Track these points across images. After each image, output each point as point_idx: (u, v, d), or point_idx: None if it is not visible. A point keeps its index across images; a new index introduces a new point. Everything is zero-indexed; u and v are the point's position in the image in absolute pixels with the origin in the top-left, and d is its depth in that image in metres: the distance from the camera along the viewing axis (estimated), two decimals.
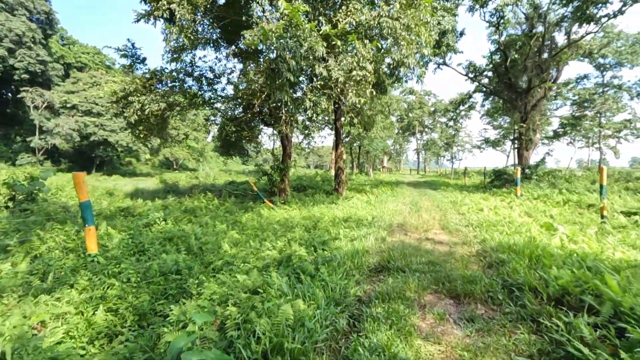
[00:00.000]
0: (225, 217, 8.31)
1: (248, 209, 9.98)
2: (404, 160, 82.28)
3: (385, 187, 18.35)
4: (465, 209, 9.06)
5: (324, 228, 6.12)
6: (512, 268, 3.60)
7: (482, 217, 7.38)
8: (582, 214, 8.90)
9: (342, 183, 15.30)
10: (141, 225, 6.14)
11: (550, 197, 12.23)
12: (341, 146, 15.65)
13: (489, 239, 5.03)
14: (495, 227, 6.14)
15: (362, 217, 7.73)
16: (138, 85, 10.44)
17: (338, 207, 10.31)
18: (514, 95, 17.19)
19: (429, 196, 14.24)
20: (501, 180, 18.26)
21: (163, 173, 53.20)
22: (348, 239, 5.25)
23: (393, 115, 54.06)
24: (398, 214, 8.67)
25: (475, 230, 6.11)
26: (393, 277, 3.67)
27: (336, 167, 15.58)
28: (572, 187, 14.34)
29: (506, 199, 12.84)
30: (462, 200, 11.30)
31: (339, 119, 15.68)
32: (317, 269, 3.70)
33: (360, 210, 9.34)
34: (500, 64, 17.23)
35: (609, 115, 32.23)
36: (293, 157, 34.26)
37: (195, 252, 5.10)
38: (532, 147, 17.71)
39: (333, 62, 8.13)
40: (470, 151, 61.24)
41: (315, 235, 5.37)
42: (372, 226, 6.45)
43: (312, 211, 9.61)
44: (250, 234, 6.44)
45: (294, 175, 31.28)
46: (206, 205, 9.90)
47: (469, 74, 19.34)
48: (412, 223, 6.89)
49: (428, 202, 11.93)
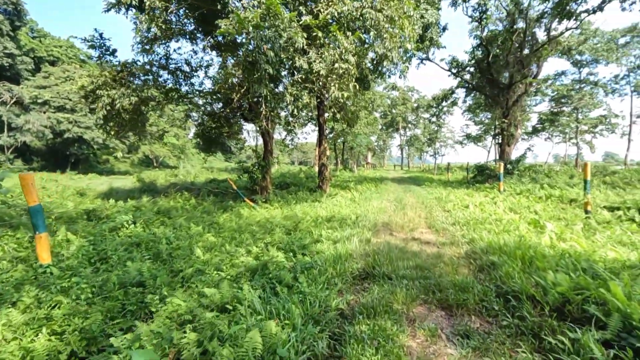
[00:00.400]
0: (202, 218, 7.85)
1: (227, 208, 9.53)
2: (387, 156, 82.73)
3: (369, 183, 18.15)
4: (451, 205, 8.89)
5: (306, 229, 5.78)
6: (505, 272, 3.35)
7: (468, 215, 7.19)
8: (566, 209, 8.89)
9: (325, 180, 14.99)
10: (106, 230, 5.63)
11: (533, 192, 12.27)
12: (324, 142, 15.31)
13: (478, 238, 4.80)
14: (483, 225, 5.94)
15: (346, 216, 7.42)
16: (107, 78, 9.77)
17: (321, 206, 9.99)
18: (496, 90, 17.25)
19: (413, 192, 14.10)
20: (483, 176, 18.34)
21: (142, 171, 51.58)
22: (330, 242, 4.92)
23: (377, 111, 54.10)
24: (383, 212, 8.41)
25: (462, 228, 5.89)
26: (379, 285, 3.37)
27: (319, 163, 15.25)
28: (552, 182, 14.50)
29: (489, 195, 12.82)
30: (447, 197, 11.17)
31: (322, 114, 15.33)
32: (295, 278, 3.35)
33: (344, 209, 9.04)
34: (483, 60, 17.24)
35: (585, 112, 33.06)
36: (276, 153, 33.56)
37: (165, 259, 4.67)
38: (514, 142, 17.85)
39: (314, 54, 7.75)
40: (452, 147, 62.03)
41: (295, 238, 5.02)
42: (356, 226, 6.15)
43: (295, 210, 9.26)
44: (227, 236, 6.03)
45: (278, 172, 30.78)
46: (182, 206, 9.39)
47: (452, 69, 19.31)
48: (397, 222, 6.63)
49: (413, 199, 11.75)
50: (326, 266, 3.70)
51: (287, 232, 5.76)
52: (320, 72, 7.67)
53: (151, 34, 9.11)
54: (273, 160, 13.29)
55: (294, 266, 3.64)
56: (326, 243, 4.73)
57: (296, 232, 5.69)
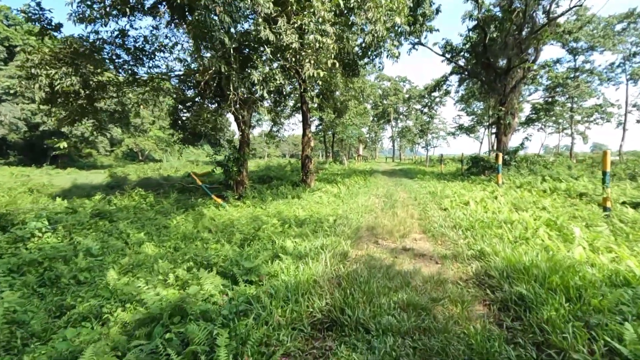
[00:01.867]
0: (152, 221, 6.54)
1: (190, 207, 8.22)
2: (379, 148, 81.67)
3: (358, 176, 16.94)
4: (448, 202, 7.71)
5: (267, 238, 4.51)
6: (547, 318, 2.15)
7: (469, 214, 6.02)
8: (577, 206, 7.78)
9: (309, 174, 13.74)
10: (2, 241, 4.30)
11: (535, 185, 11.19)
12: (308, 132, 14.00)
13: (490, 252, 3.60)
14: (490, 229, 4.76)
15: (325, 217, 6.20)
16: (46, 55, 8.29)
17: (301, 203, 8.77)
18: (492, 76, 16.07)
19: (405, 186, 12.93)
20: (479, 167, 17.29)
21: (126, 165, 49.67)
22: (294, 257, 3.67)
23: (367, 102, 52.81)
24: (369, 211, 7.19)
25: (465, 234, 4.70)
26: (347, 346, 2.13)
27: (303, 155, 13.96)
28: (553, 174, 13.44)
29: (487, 188, 11.72)
30: (442, 191, 10.01)
31: (306, 102, 13.99)
32: (213, 338, 2.07)
33: (325, 207, 7.81)
34: (479, 43, 16.01)
35: (578, 101, 32.21)
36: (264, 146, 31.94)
37: (62, 287, 3.38)
38: (511, 131, 16.75)
39: (284, 23, 6.41)
40: (444, 138, 61.12)
41: (247, 253, 3.76)
42: (332, 232, 4.90)
43: (269, 209, 8.01)
44: (170, 246, 4.76)
45: (263, 165, 29.36)
46: (137, 205, 8.06)
47: (445, 54, 18.04)
48: (385, 225, 5.42)
49: (404, 194, 10.57)
50: (273, 306, 2.46)
51: (242, 242, 4.50)
52: (292, 45, 6.36)
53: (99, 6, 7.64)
54: (250, 152, 11.96)
55: (218, 311, 2.37)
56: (286, 261, 3.49)
57: (254, 242, 4.43)
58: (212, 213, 7.58)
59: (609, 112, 30.25)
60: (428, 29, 18.42)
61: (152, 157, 65.34)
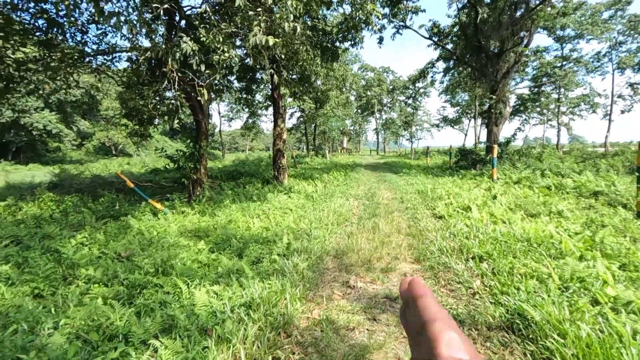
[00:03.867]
0: (43, 241, 4.74)
1: (119, 216, 6.42)
2: (363, 141, 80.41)
3: (338, 171, 15.34)
4: (442, 206, 6.19)
5: (171, 284, 2.82)
6: None
7: (475, 226, 4.49)
8: (597, 209, 6.41)
9: (282, 170, 12.04)
10: None
11: (534, 181, 9.87)
12: (281, 123, 12.23)
13: (539, 319, 2.03)
14: (515, 256, 3.22)
15: (284, 231, 4.56)
16: None
17: (264, 206, 7.13)
18: (483, 60, 14.65)
19: (389, 183, 11.41)
20: (468, 161, 16.01)
21: (98, 160, 46.66)
22: (188, 333, 2.02)
23: (350, 93, 51.20)
24: (344, 220, 5.59)
25: (480, 267, 3.14)
26: None
27: (274, 149, 12.23)
28: (551, 167, 12.16)
29: (481, 185, 10.35)
30: (432, 190, 8.51)
31: (277, 87, 12.21)
32: None
33: (290, 214, 6.17)
34: (469, 24, 14.53)
35: (565, 91, 31.47)
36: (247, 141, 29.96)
37: None
38: (503, 121, 15.46)
39: None
40: (428, 130, 60.22)
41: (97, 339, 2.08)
42: (281, 269, 3.23)
43: (221, 216, 6.34)
44: (24, 292, 3.04)
45: (239, 160, 27.39)
46: (41, 215, 6.20)
47: (432, 37, 16.50)
48: (361, 249, 3.81)
49: (388, 193, 9.04)
50: None
51: (134, 288, 2.80)
52: (236, 3, 4.61)
53: None
54: (208, 145, 10.15)
55: None
56: (168, 350, 1.83)
57: (147, 292, 2.73)
58: (144, 225, 5.84)
59: (595, 102, 29.56)
60: (413, 9, 16.85)
61: (127, 151, 61.95)
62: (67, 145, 48.33)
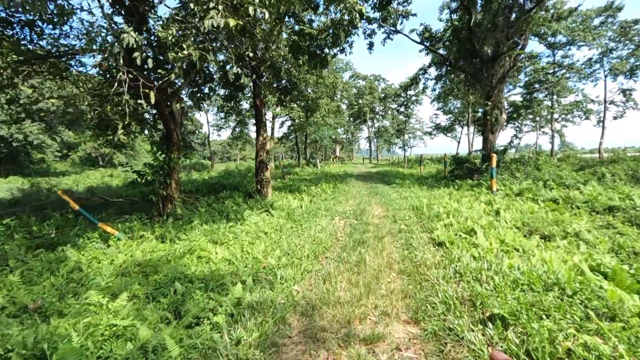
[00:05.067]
0: None
1: (55, 244, 5.39)
2: (356, 149, 79.84)
3: (327, 183, 14.42)
4: (441, 227, 5.27)
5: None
6: None
7: (484, 259, 3.57)
8: (615, 227, 5.57)
9: (265, 183, 11.08)
10: None
11: (537, 193, 9.03)
12: (264, 132, 11.32)
13: None
14: (548, 312, 2.31)
15: (249, 266, 3.61)
16: None
17: (237, 229, 6.16)
18: (478, 64, 13.97)
19: (381, 196, 10.50)
20: (464, 170, 15.23)
21: (85, 171, 45.13)
22: None
23: (342, 102, 50.64)
24: (322, 251, 4.64)
25: (501, 332, 2.21)
26: None
27: (257, 161, 11.29)
28: (553, 177, 11.37)
29: (479, 196, 9.52)
30: (429, 206, 7.61)
31: (259, 93, 11.34)
32: None
33: (260, 242, 5.20)
34: (462, 28, 13.88)
35: (558, 97, 31.12)
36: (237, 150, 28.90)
37: None
38: (499, 128, 14.71)
39: None
40: (421, 138, 59.78)
41: None
42: (225, 348, 2.25)
43: (183, 242, 5.37)
44: None
45: (225, 170, 26.33)
46: None
47: (424, 41, 15.84)
48: (339, 299, 2.86)
49: (380, 210, 8.12)
50: None
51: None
52: None
53: None
54: (179, 158, 9.20)
55: None
56: None
57: None
58: (87, 256, 4.82)
59: (589, 108, 29.19)
60: (404, 13, 16.21)
61: (115, 162, 60.32)
62: (49, 156, 46.66)
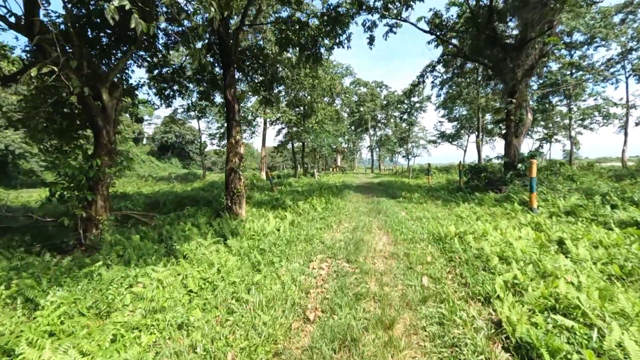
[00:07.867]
0: None
1: None
2: (358, 158, 77.48)
3: (322, 197, 11.96)
4: (503, 291, 2.80)
5: None
6: None
7: None
8: None
9: (237, 197, 8.63)
10: None
11: (599, 212, 6.56)
12: (236, 133, 8.89)
13: None
14: None
15: None
16: None
17: (151, 280, 3.71)
18: (500, 53, 11.62)
19: (386, 216, 8.01)
20: (481, 180, 12.82)
21: None
22: None
23: (343, 110, 48.56)
24: (291, 338, 2.19)
25: None
26: None
27: (227, 169, 8.86)
28: (604, 192, 8.85)
29: (516, 215, 7.07)
30: (459, 235, 5.13)
31: (230, 85, 8.99)
32: None
33: (147, 332, 2.75)
34: (481, 8, 11.60)
35: (574, 102, 28.75)
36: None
37: None
38: (524, 130, 12.25)
39: None
40: (424, 147, 57.27)
41: None
42: None
43: (32, 324, 2.91)
44: None
45: (209, 181, 23.90)
46: None
47: (433, 30, 13.55)
48: None
49: (385, 240, 5.64)
50: None
51: None
52: None
53: None
54: (110, 165, 6.80)
55: None
56: None
57: None
58: None
59: (612, 113, 26.70)
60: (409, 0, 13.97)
61: None
62: (33, 165, 44.50)
